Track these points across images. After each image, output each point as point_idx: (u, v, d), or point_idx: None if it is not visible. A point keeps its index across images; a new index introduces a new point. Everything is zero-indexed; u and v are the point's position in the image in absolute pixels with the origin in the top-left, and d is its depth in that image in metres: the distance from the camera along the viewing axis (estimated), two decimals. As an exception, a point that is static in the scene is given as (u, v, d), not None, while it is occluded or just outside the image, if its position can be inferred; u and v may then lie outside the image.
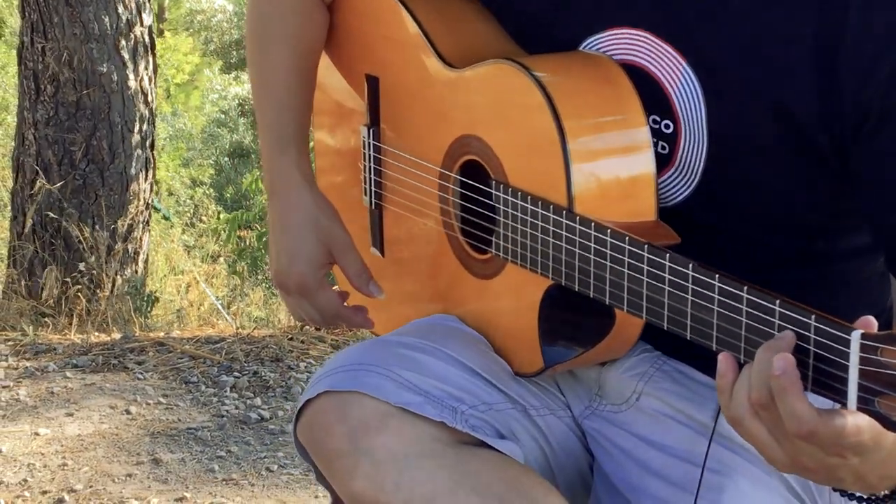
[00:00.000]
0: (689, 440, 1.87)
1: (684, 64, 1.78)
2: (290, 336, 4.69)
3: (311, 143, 2.18)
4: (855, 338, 1.39)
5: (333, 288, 2.08)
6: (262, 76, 2.12)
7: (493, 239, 1.87)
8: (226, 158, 15.29)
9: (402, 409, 1.74)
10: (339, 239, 2.04)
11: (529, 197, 1.78)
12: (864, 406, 1.40)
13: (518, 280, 1.85)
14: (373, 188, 2.14)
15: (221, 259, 9.84)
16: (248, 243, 9.55)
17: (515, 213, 1.81)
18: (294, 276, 2.03)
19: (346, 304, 2.09)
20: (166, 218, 10.83)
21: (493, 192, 1.85)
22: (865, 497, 1.56)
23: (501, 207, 1.83)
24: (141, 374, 4.43)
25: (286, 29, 2.10)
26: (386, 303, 2.12)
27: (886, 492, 1.54)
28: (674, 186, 1.82)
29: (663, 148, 1.81)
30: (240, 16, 16.66)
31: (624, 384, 1.93)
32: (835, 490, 1.55)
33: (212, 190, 14.08)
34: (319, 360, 4.46)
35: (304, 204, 2.04)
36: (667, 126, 1.81)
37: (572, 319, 1.84)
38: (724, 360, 1.51)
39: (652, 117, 1.80)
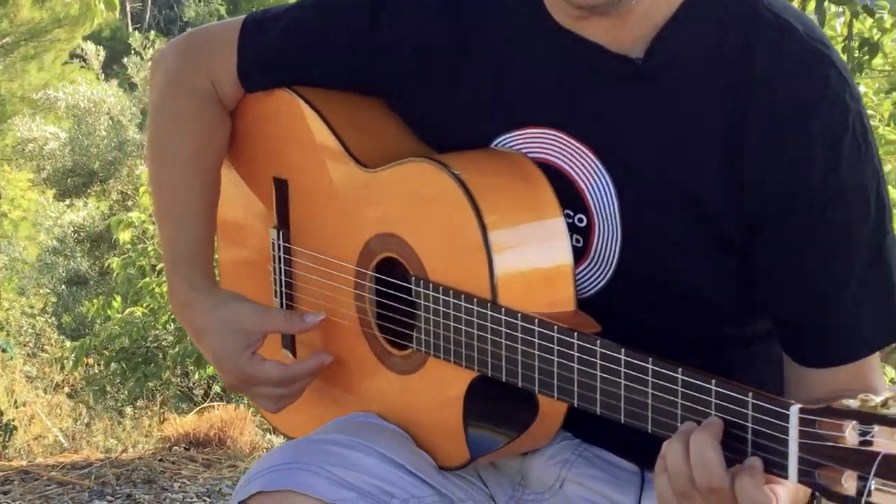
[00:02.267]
0: (614, 526, 1.89)
1: (596, 160, 1.84)
2: (159, 457, 4.60)
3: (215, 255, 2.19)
4: (793, 412, 1.45)
5: (265, 362, 2.03)
6: (162, 193, 2.13)
7: (415, 334, 1.88)
8: (63, 286, 15.03)
9: None
10: (247, 313, 2.03)
11: (452, 291, 1.80)
12: (805, 479, 1.44)
13: (441, 374, 1.87)
14: (283, 290, 2.14)
15: (66, 388, 9.62)
16: (95, 370, 9.36)
17: (437, 307, 1.83)
18: (231, 373, 2.03)
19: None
20: (3, 350, 10.59)
21: (414, 287, 1.87)
22: None
23: (422, 303, 1.85)
24: (7, 504, 4.30)
25: (186, 146, 2.11)
26: (301, 405, 2.11)
27: None
28: (590, 278, 1.86)
29: (577, 241, 1.85)
30: (75, 142, 16.55)
31: (547, 472, 1.95)
32: None
33: (53, 318, 13.81)
34: (193, 480, 4.38)
35: (201, 309, 2.05)
36: (580, 220, 1.85)
37: (496, 411, 1.86)
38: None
39: (566, 211, 1.85)
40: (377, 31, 1.99)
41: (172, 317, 8.46)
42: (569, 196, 1.85)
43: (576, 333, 1.66)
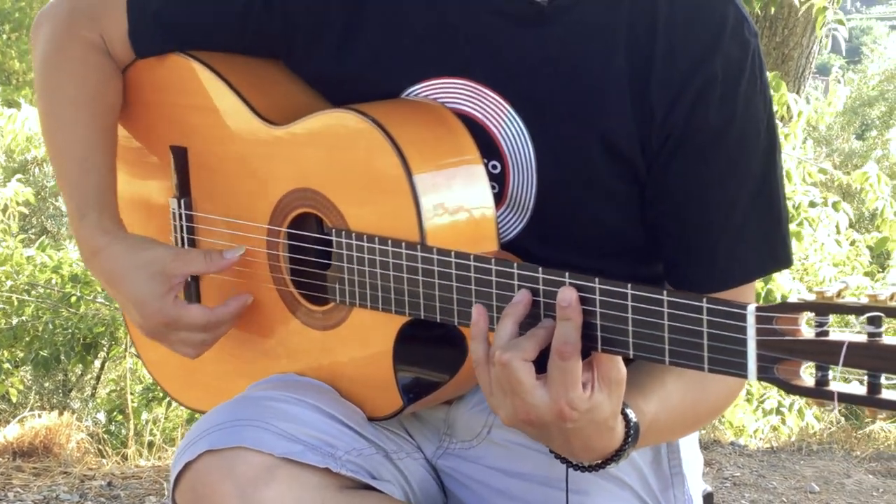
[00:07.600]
0: (545, 465, 1.92)
1: (507, 106, 1.87)
2: (-18, 470, 4.44)
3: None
4: (750, 311, 1.50)
5: (190, 305, 2.00)
6: (61, 138, 2.06)
7: (337, 286, 1.87)
8: None
9: (287, 460, 1.72)
10: (165, 255, 1.97)
11: (377, 238, 1.81)
12: (764, 375, 1.50)
13: (366, 325, 1.86)
14: (187, 260, 2.10)
15: None
16: None
17: (361, 255, 1.83)
18: (153, 318, 1.96)
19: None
20: None
21: (335, 239, 1.86)
22: (573, 463, 1.74)
23: (345, 253, 1.85)
24: None
25: (84, 91, 2.06)
26: (213, 375, 2.08)
27: (585, 463, 1.73)
28: (506, 223, 1.89)
29: (493, 187, 1.87)
30: None
31: (474, 419, 1.97)
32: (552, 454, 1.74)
33: None
34: (26, 488, 4.23)
35: (115, 255, 1.99)
36: (494, 166, 1.88)
37: (427, 355, 1.87)
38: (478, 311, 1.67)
39: None
40: None
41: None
42: (482, 143, 1.87)
43: (515, 264, 1.68)
